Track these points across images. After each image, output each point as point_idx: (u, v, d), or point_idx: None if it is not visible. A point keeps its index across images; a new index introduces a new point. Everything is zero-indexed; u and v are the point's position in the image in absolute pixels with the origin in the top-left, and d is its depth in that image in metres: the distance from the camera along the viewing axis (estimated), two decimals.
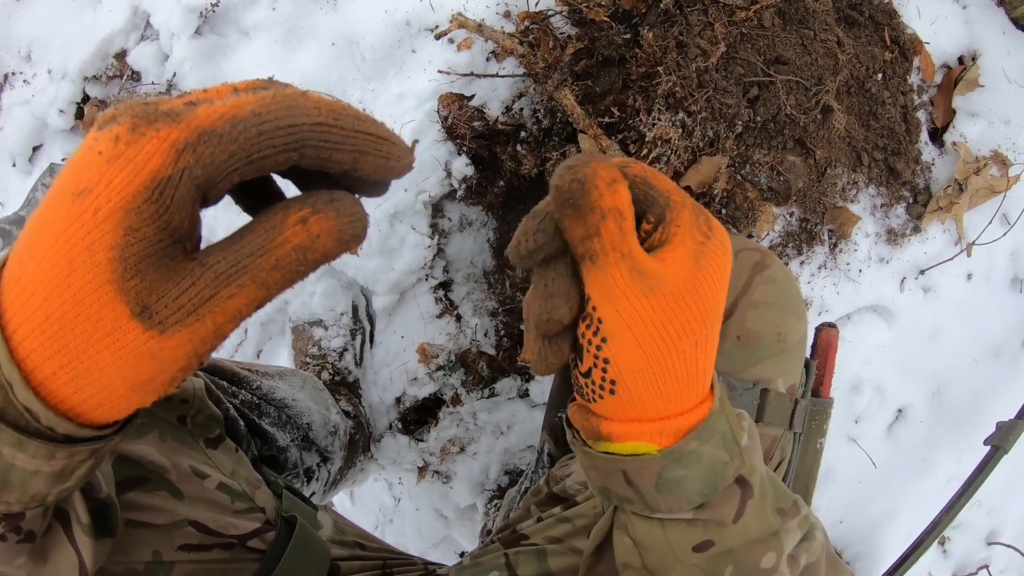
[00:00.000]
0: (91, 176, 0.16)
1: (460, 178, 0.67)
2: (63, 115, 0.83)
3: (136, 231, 0.16)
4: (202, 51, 0.72)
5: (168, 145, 0.16)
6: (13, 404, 0.17)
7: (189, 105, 0.17)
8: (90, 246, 0.16)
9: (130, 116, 0.16)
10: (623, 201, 0.20)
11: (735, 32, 0.66)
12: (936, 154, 0.83)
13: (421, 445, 0.72)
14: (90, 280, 0.16)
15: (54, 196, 0.16)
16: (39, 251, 0.16)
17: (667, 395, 0.23)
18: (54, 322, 0.16)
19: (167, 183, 0.16)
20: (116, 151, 0.16)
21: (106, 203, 0.16)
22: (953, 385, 0.86)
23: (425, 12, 0.67)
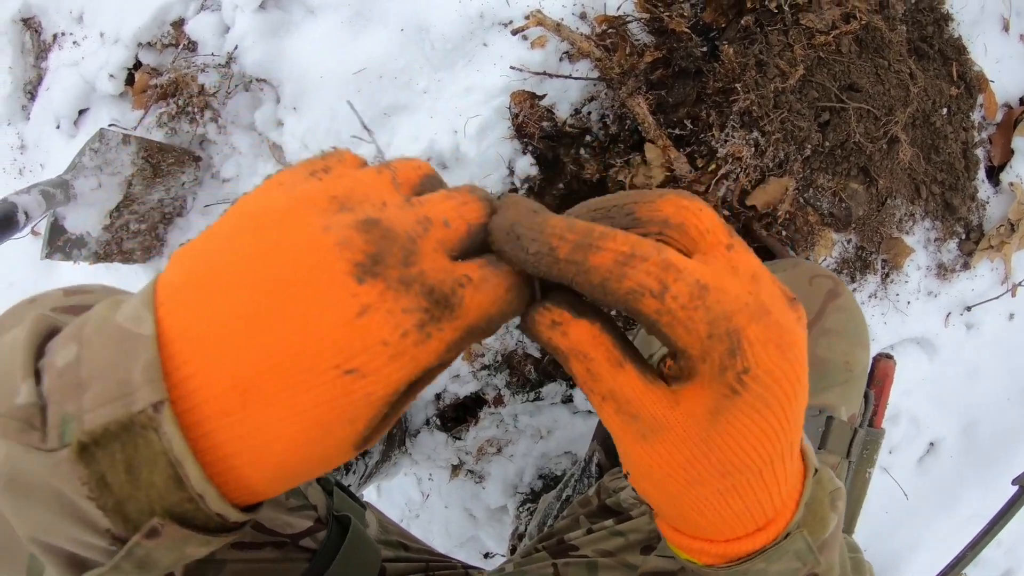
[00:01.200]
0: (367, 361, 0.16)
1: (523, 177, 0.67)
2: (113, 80, 0.81)
3: (391, 404, 0.18)
4: (265, 26, 0.71)
5: (444, 346, 0.17)
6: (202, 511, 0.17)
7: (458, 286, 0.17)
8: (353, 420, 0.17)
9: (417, 304, 0.17)
10: (579, 340, 0.18)
11: (813, 56, 0.65)
12: (991, 192, 0.83)
13: (458, 443, 0.72)
14: (338, 444, 0.17)
15: (300, 353, 0.16)
16: (281, 406, 0.17)
17: (700, 528, 0.21)
18: (289, 467, 0.17)
19: (430, 370, 0.18)
20: (402, 348, 0.17)
21: (382, 391, 0.17)
22: (986, 423, 0.86)
23: (500, 6, 0.66)
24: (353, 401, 0.17)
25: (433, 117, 0.67)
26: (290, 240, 0.17)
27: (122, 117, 0.81)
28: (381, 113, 0.68)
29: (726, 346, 0.17)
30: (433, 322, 0.17)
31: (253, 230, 0.17)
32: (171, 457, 0.16)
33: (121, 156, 0.73)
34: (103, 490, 0.16)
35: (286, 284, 0.16)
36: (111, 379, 0.16)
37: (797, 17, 0.65)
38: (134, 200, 0.76)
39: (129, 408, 0.16)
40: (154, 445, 0.16)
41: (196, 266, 0.17)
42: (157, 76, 0.78)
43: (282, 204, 0.17)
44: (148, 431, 0.16)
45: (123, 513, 0.16)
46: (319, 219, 0.17)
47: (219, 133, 0.76)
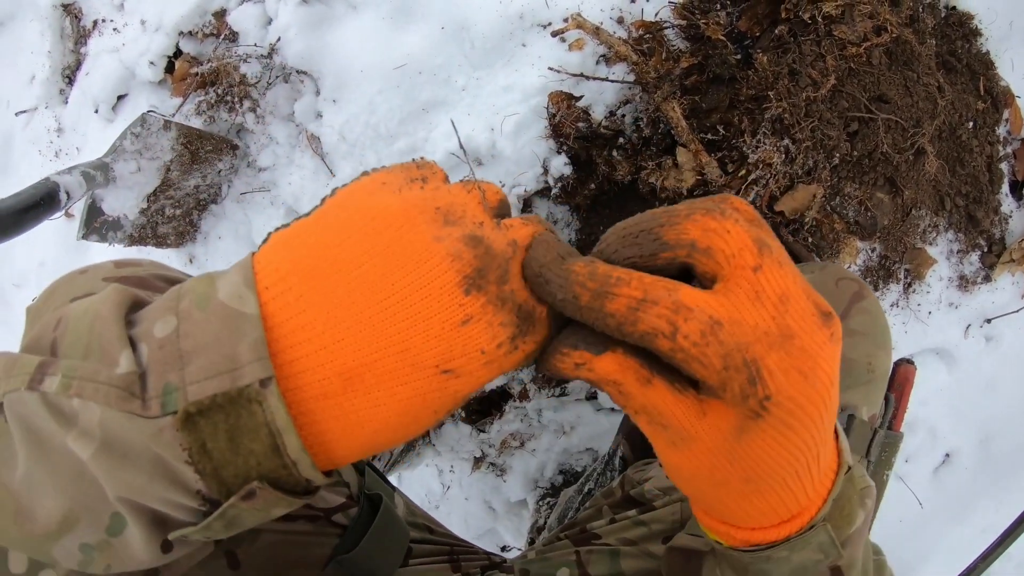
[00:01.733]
0: (464, 364, 0.19)
1: (557, 176, 0.68)
2: (153, 67, 0.83)
3: (465, 399, 0.20)
4: (308, 19, 0.73)
5: (524, 356, 0.20)
6: (293, 476, 0.18)
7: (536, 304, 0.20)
8: (437, 411, 0.20)
9: (511, 320, 0.19)
10: (605, 372, 0.19)
11: (844, 66, 0.67)
12: (1015, 207, 0.84)
13: (482, 436, 0.73)
14: (417, 428, 0.20)
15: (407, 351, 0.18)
16: (380, 394, 0.19)
17: (727, 516, 0.22)
18: (370, 446, 0.19)
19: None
20: (495, 357, 0.19)
21: (468, 390, 0.20)
22: (1002, 436, 0.86)
23: (540, 8, 0.68)
24: (443, 396, 0.19)
25: (471, 114, 0.68)
26: (405, 245, 0.18)
27: (160, 104, 0.83)
28: (420, 108, 0.70)
29: (745, 376, 0.17)
30: (521, 336, 0.19)
31: (366, 229, 0.19)
32: (273, 428, 0.17)
33: (161, 141, 0.75)
34: (203, 456, 0.17)
35: (400, 286, 0.18)
36: (216, 354, 0.17)
37: (830, 28, 0.66)
38: (171, 185, 0.77)
39: (236, 382, 0.17)
40: (257, 416, 0.17)
41: (304, 256, 0.18)
42: (197, 65, 0.80)
43: (396, 208, 0.19)
44: (253, 404, 0.17)
45: (219, 477, 0.18)
46: (430, 228, 0.19)
47: (257, 123, 0.78)
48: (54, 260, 0.96)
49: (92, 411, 0.17)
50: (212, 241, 0.82)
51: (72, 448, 0.17)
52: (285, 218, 0.77)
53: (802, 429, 0.19)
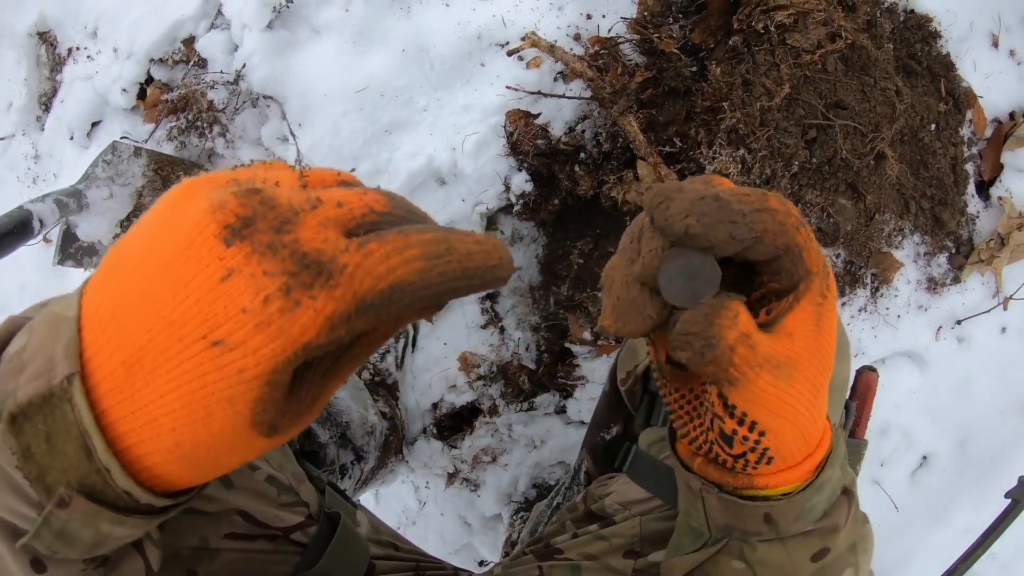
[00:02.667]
0: (231, 331, 0.15)
1: (518, 193, 0.69)
2: (125, 94, 0.84)
3: (278, 385, 0.16)
4: (272, 45, 0.74)
5: (324, 319, 0.16)
6: (111, 487, 0.17)
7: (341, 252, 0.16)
8: (231, 399, 0.16)
9: (282, 267, 0.15)
10: (744, 322, 0.21)
11: (799, 74, 0.67)
12: (981, 207, 0.84)
13: (454, 452, 0.73)
14: (229, 425, 0.17)
15: (172, 323, 0.16)
16: (160, 382, 0.16)
17: (809, 441, 0.24)
18: (185, 449, 0.17)
19: (316, 348, 0.16)
20: (266, 316, 0.15)
21: (253, 367, 0.16)
22: (979, 436, 0.86)
23: (497, 28, 0.69)
24: (224, 376, 0.16)
25: (432, 134, 0.69)
26: (176, 212, 0.17)
27: (133, 130, 0.84)
28: (382, 130, 0.71)
29: (824, 263, 0.23)
30: (303, 288, 0.15)
31: (150, 216, 0.18)
32: (81, 428, 0.17)
33: (133, 168, 0.76)
34: (28, 460, 0.17)
35: (163, 253, 0.16)
36: (42, 357, 0.17)
37: (783, 37, 0.67)
38: (143, 210, 0.78)
39: (50, 381, 0.17)
40: (67, 416, 0.17)
41: (112, 252, 0.18)
42: (168, 91, 0.81)
43: (186, 183, 0.18)
44: (64, 403, 0.17)
45: (44, 483, 0.17)
46: (206, 191, 0.17)
47: (227, 147, 0.79)
48: (35, 284, 0.97)
49: None
50: None
51: None
52: None
53: (835, 301, 0.24)
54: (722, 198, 0.20)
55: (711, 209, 0.19)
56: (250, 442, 0.17)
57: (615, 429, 0.64)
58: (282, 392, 0.16)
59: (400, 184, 0.69)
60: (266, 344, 0.16)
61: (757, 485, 0.25)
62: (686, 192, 0.20)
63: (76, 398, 0.17)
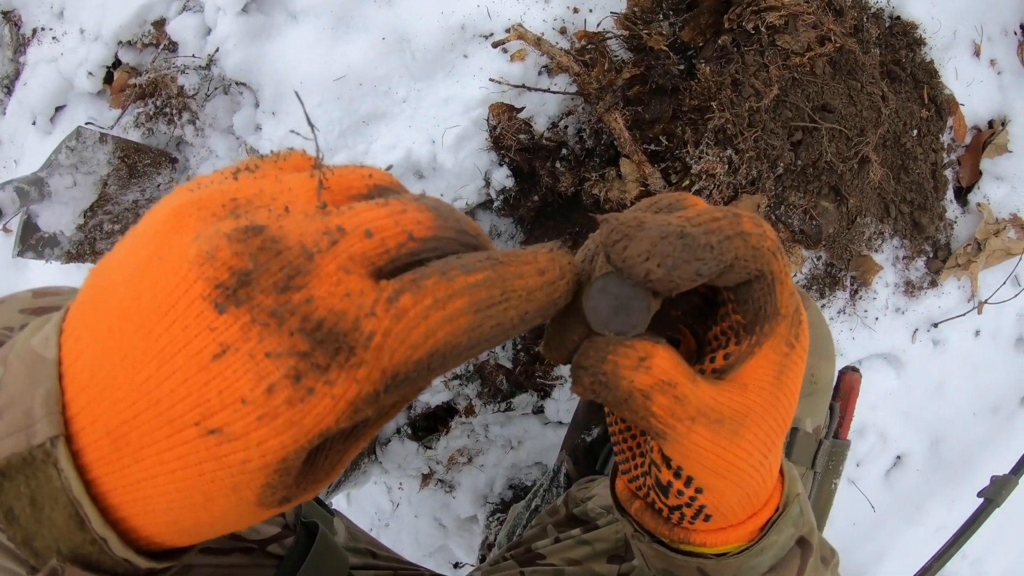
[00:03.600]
0: (228, 420, 0.13)
1: (499, 189, 0.67)
2: (92, 78, 0.80)
3: (289, 471, 0.14)
4: (248, 29, 0.71)
5: (345, 405, 0.13)
6: (108, 556, 0.15)
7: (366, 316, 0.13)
8: (235, 487, 0.14)
9: (287, 343, 0.12)
10: (663, 369, 0.17)
11: (788, 76, 0.67)
12: (959, 212, 0.85)
13: (429, 452, 0.72)
14: (233, 509, 0.14)
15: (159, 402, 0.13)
16: (149, 462, 0.14)
17: (754, 502, 0.22)
18: (184, 526, 0.15)
19: (335, 431, 0.13)
20: (271, 408, 0.13)
21: (258, 459, 0.13)
22: (952, 437, 0.88)
23: (482, 19, 0.67)
24: (225, 467, 0.13)
25: (411, 126, 0.67)
26: (161, 254, 0.13)
27: (99, 116, 0.81)
28: (360, 121, 0.68)
29: (796, 304, 0.20)
30: (316, 371, 0.12)
31: (135, 242, 0.14)
32: (71, 496, 0.14)
33: (97, 155, 0.72)
34: (12, 523, 0.15)
35: (146, 313, 0.13)
36: (19, 408, 0.15)
37: (773, 38, 0.67)
38: (109, 200, 0.75)
39: (30, 441, 0.14)
40: (54, 482, 0.14)
41: (92, 283, 0.15)
42: (136, 76, 0.77)
43: (170, 208, 0.14)
44: (48, 467, 0.14)
45: (32, 548, 0.15)
46: (198, 227, 0.13)
47: (196, 135, 0.76)
48: None
49: None
50: None
51: None
52: None
53: (804, 354, 0.21)
54: (688, 233, 0.16)
55: (675, 249, 0.15)
56: (258, 516, 0.15)
57: (596, 430, 0.63)
58: (295, 474, 0.14)
59: None
60: (273, 438, 0.13)
61: (693, 541, 0.22)
62: (647, 230, 0.15)
63: (62, 463, 0.14)
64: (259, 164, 0.16)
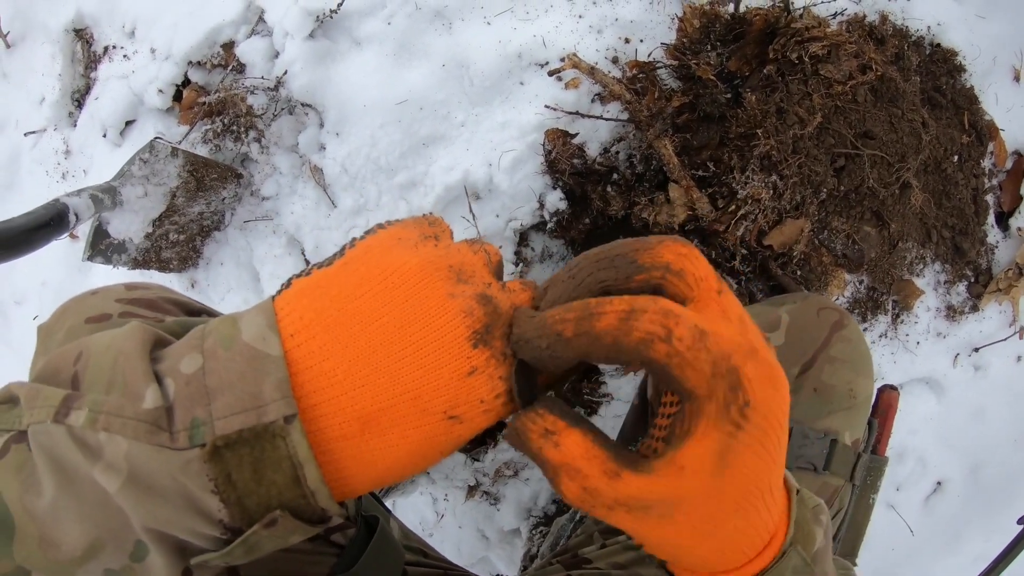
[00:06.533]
0: (467, 411, 0.20)
1: (552, 211, 0.70)
2: (161, 95, 0.85)
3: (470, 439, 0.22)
4: (314, 54, 0.75)
5: (511, 408, 0.21)
6: (311, 506, 0.20)
7: None
8: (443, 452, 0.21)
9: (510, 373, 0.21)
10: (572, 455, 0.19)
11: (830, 104, 0.69)
12: (1000, 237, 0.86)
13: (476, 465, 0.74)
14: (427, 464, 0.22)
15: (418, 398, 0.20)
16: (393, 436, 0.20)
17: (715, 565, 0.22)
18: (383, 479, 0.21)
19: None
20: (494, 407, 0.21)
21: (469, 434, 0.21)
22: (992, 464, 0.87)
23: (537, 48, 0.70)
24: (450, 439, 0.21)
25: (469, 149, 0.70)
26: (421, 300, 0.20)
27: (167, 131, 0.85)
28: (420, 143, 0.72)
29: (728, 383, 0.18)
30: (512, 399, 0.21)
31: (386, 284, 0.20)
32: (295, 460, 0.19)
33: (168, 168, 0.77)
34: (228, 486, 0.19)
35: (415, 338, 0.20)
36: (242, 391, 0.19)
37: (816, 68, 0.69)
38: (176, 211, 0.79)
39: (262, 418, 0.19)
40: (280, 450, 0.19)
41: (327, 306, 0.20)
42: (205, 94, 0.82)
43: (414, 264, 0.21)
44: (277, 439, 0.19)
45: (243, 506, 0.19)
46: (444, 285, 0.21)
47: (261, 153, 0.80)
48: (57, 280, 0.98)
49: (118, 444, 0.18)
50: (214, 267, 0.84)
51: (98, 480, 0.18)
52: (287, 247, 0.78)
53: (774, 435, 0.19)
54: (539, 326, 0.20)
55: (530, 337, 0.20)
56: (418, 472, 0.22)
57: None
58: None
59: (436, 197, 0.70)
60: (485, 422, 0.21)
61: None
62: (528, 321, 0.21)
63: (294, 436, 0.19)
64: (437, 233, 0.23)
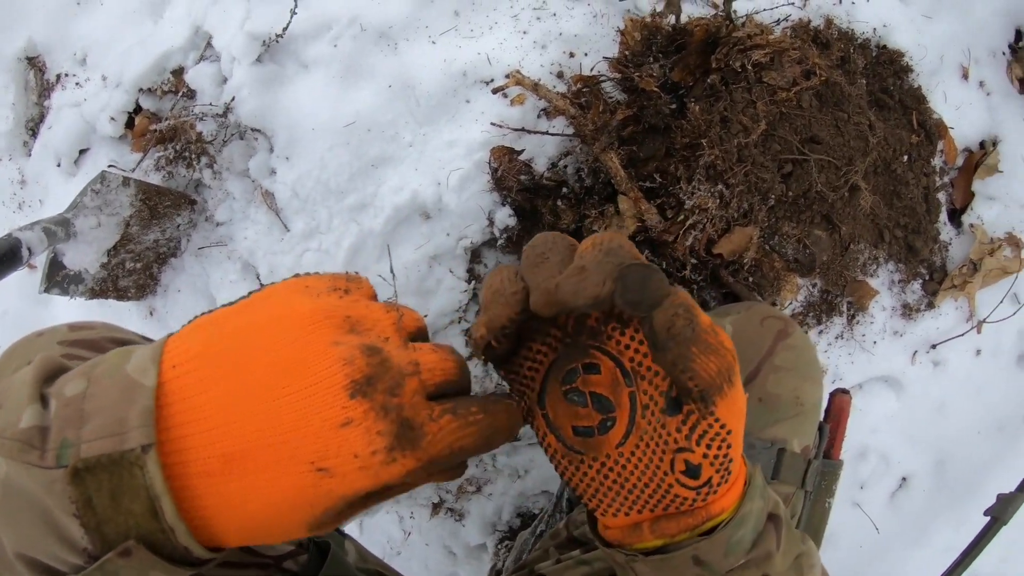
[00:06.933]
0: (338, 465, 0.19)
1: (502, 227, 0.70)
2: (113, 123, 0.85)
3: (352, 504, 0.21)
4: (261, 79, 0.75)
5: (405, 471, 0.20)
6: (171, 543, 0.20)
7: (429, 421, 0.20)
8: (313, 506, 0.20)
9: (390, 430, 0.20)
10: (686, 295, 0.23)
11: (775, 111, 0.69)
12: (953, 234, 0.87)
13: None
14: (300, 521, 0.20)
15: (287, 443, 0.19)
16: (260, 481, 0.20)
17: (741, 452, 0.26)
18: (249, 529, 0.21)
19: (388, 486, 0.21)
20: (370, 464, 0.20)
21: (343, 493, 0.20)
22: (956, 457, 0.88)
23: (482, 65, 0.70)
24: (318, 492, 0.20)
25: (417, 169, 0.70)
26: (304, 345, 0.20)
27: (120, 159, 0.85)
28: (369, 164, 0.72)
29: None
30: (400, 448, 0.20)
31: (276, 327, 0.20)
32: (151, 492, 0.19)
33: (120, 197, 0.76)
34: (88, 510, 0.19)
35: (291, 382, 0.19)
36: (110, 417, 0.19)
37: (760, 75, 0.69)
38: (131, 240, 0.78)
39: (121, 445, 0.19)
40: (137, 479, 0.19)
41: (216, 342, 0.20)
42: (157, 121, 0.82)
43: (306, 310, 0.20)
44: (134, 467, 0.19)
45: (102, 533, 0.19)
46: (331, 333, 0.20)
47: (214, 178, 0.79)
48: (16, 311, 0.97)
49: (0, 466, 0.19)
50: (171, 294, 0.83)
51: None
52: (242, 272, 0.78)
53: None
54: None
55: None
56: (299, 533, 0.21)
57: None
58: (349, 509, 0.21)
59: (386, 218, 0.70)
60: (361, 481, 0.20)
61: (714, 512, 0.26)
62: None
63: (150, 467, 0.19)
64: (350, 288, 0.23)
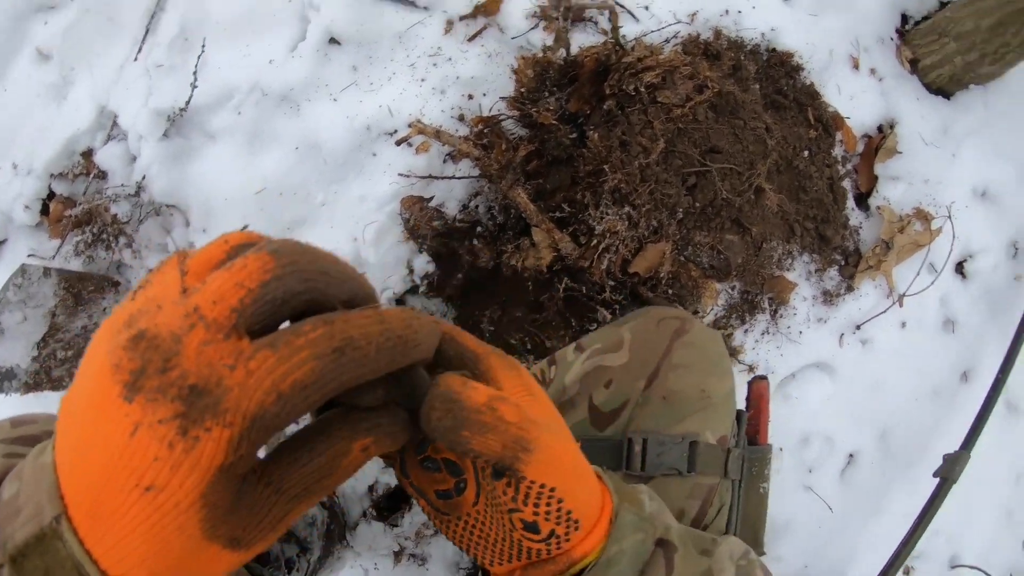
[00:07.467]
0: (156, 476, 0.17)
1: (422, 275, 0.71)
2: (28, 211, 0.84)
3: (215, 504, 0.18)
4: (169, 154, 0.75)
5: (224, 444, 0.17)
6: None
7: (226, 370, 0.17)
8: (180, 527, 0.18)
9: (171, 409, 0.17)
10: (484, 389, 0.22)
11: (672, 128, 0.73)
12: (863, 218, 0.91)
13: (396, 530, 0.74)
14: (188, 547, 0.18)
15: (111, 478, 0.18)
16: (120, 525, 0.18)
17: (595, 495, 0.26)
18: (162, 571, 0.19)
19: (233, 465, 0.18)
20: (175, 458, 0.17)
21: (185, 498, 0.17)
22: (898, 426, 0.92)
23: (384, 117, 0.72)
24: (166, 513, 0.18)
25: (333, 227, 0.71)
26: (87, 370, 0.19)
27: (40, 246, 0.84)
28: (285, 228, 0.72)
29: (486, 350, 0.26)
30: (195, 424, 0.17)
31: (81, 371, 0.19)
32: (75, 561, 0.19)
33: (43, 289, 0.75)
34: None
35: (87, 415, 0.18)
36: (34, 503, 0.20)
37: (654, 95, 0.73)
38: (59, 329, 0.77)
39: (41, 523, 0.19)
40: (60, 551, 0.19)
41: (65, 404, 0.20)
42: (71, 206, 0.81)
43: (95, 337, 0.19)
44: (55, 540, 0.19)
45: None
46: (106, 343, 0.18)
47: (134, 257, 0.79)
48: None
49: None
50: None
51: None
52: None
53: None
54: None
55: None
56: (217, 555, 0.19)
57: None
58: (224, 507, 0.18)
59: None
60: (186, 479, 0.17)
61: (576, 556, 0.25)
62: None
63: (66, 535, 0.19)
64: (151, 280, 0.20)
